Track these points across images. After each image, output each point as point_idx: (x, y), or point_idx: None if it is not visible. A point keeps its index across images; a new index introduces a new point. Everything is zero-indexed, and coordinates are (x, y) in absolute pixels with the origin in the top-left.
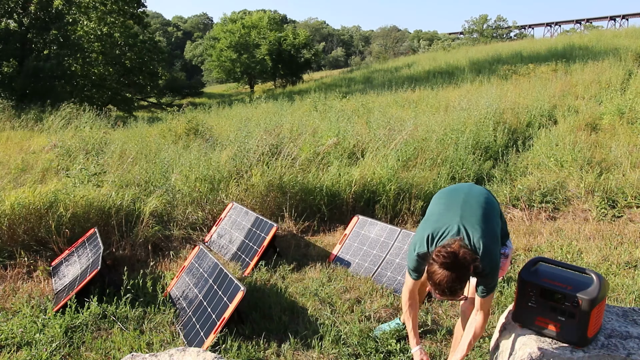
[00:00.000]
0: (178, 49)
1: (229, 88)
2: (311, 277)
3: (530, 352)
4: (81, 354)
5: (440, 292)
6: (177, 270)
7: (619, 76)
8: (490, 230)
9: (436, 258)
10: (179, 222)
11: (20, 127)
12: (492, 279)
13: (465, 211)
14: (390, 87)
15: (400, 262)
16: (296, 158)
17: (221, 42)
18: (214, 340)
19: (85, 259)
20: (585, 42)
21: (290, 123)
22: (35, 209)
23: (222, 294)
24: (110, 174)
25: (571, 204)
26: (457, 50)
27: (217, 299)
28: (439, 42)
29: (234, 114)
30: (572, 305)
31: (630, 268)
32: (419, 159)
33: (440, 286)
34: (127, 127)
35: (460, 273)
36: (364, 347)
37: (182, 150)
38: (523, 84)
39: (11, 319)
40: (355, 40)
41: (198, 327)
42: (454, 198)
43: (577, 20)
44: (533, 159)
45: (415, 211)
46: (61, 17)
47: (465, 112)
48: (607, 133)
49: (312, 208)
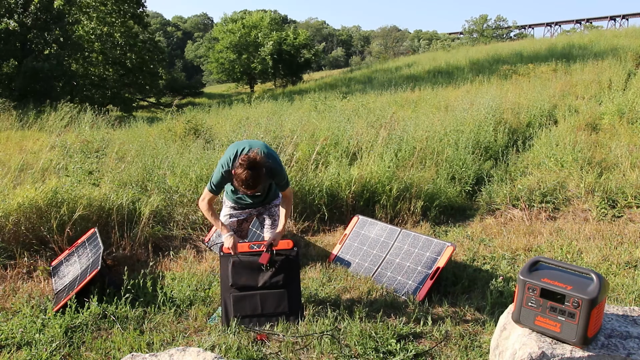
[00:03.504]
0: (178, 49)
1: (229, 88)
2: (311, 277)
3: (530, 352)
4: (81, 354)
5: (245, 187)
6: (177, 270)
7: (619, 76)
8: (271, 149)
9: (242, 162)
10: (179, 222)
11: (20, 127)
12: (282, 177)
13: (253, 144)
14: (390, 87)
15: (400, 262)
16: (296, 157)
17: (221, 42)
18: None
19: (85, 259)
20: (585, 42)
21: (290, 123)
22: (37, 207)
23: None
24: (109, 173)
25: (571, 204)
26: (457, 50)
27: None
28: (438, 42)
29: (234, 114)
30: (572, 305)
31: (630, 268)
32: (417, 158)
33: (245, 181)
34: (127, 127)
35: (257, 172)
36: (364, 347)
37: (182, 150)
38: (523, 84)
39: (11, 319)
40: (355, 40)
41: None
42: (239, 142)
43: (577, 20)
44: (533, 159)
45: (416, 211)
46: (61, 17)
47: (465, 112)
48: (607, 133)
49: (312, 208)
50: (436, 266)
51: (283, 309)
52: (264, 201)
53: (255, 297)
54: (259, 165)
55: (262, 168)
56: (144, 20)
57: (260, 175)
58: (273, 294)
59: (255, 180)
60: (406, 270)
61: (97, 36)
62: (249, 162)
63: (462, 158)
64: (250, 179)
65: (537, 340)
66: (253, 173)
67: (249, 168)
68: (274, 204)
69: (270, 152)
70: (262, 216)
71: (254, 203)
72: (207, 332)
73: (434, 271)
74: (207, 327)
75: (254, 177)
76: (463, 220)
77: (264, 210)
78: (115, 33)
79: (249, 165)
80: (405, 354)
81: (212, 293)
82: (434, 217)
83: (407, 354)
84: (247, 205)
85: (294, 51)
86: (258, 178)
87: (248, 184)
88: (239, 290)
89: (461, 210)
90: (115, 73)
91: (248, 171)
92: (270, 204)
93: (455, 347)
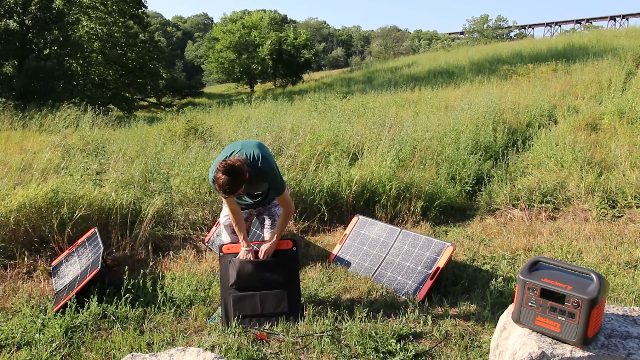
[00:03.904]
0: (178, 49)
1: (229, 88)
2: (311, 277)
3: (530, 352)
4: (81, 354)
5: (222, 192)
6: (177, 270)
7: (619, 76)
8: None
9: (219, 168)
10: (179, 222)
11: (20, 127)
12: (275, 180)
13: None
14: (390, 87)
15: (400, 262)
16: (296, 157)
17: (220, 42)
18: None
19: (85, 259)
20: (585, 42)
21: (290, 123)
22: (38, 207)
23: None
24: (110, 173)
25: (571, 204)
26: (457, 50)
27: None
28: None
29: (234, 114)
30: (572, 305)
31: (630, 268)
32: (417, 158)
33: (222, 186)
34: (127, 127)
35: (235, 177)
36: (364, 347)
37: (181, 150)
38: (523, 84)
39: (11, 319)
40: (355, 40)
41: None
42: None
43: (577, 20)
44: (533, 159)
45: (416, 211)
46: (61, 17)
47: (465, 112)
48: (607, 133)
49: (312, 208)
50: (436, 266)
51: (283, 309)
52: (263, 201)
53: (255, 297)
54: (237, 171)
55: (242, 174)
56: (144, 20)
57: (238, 181)
58: (273, 294)
59: (232, 186)
60: (406, 270)
61: (97, 36)
62: (226, 167)
63: (462, 158)
64: (227, 184)
65: (537, 340)
66: (230, 179)
67: (226, 173)
68: (274, 204)
69: (264, 153)
70: (262, 216)
71: (254, 203)
72: (207, 332)
73: (434, 271)
74: (207, 327)
75: (231, 183)
76: (463, 220)
77: (263, 211)
78: (115, 33)
79: (225, 171)
80: (405, 354)
81: (212, 293)
82: (434, 217)
83: (407, 354)
84: (247, 206)
85: (294, 51)
86: (235, 184)
87: (225, 189)
88: (239, 291)
89: (461, 210)
90: (116, 73)
91: (225, 176)
92: (270, 204)
93: (455, 347)
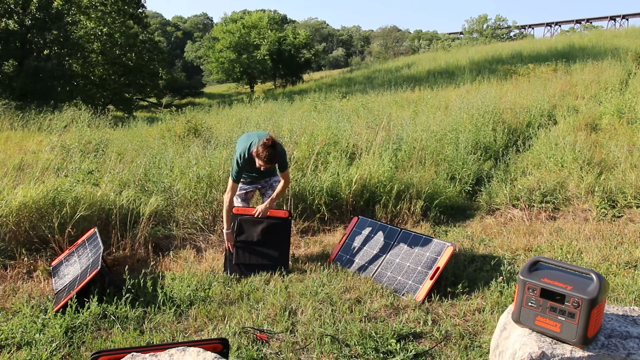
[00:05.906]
0: (178, 49)
1: (229, 88)
2: (311, 277)
3: (530, 352)
4: (81, 354)
5: (265, 161)
6: (177, 270)
7: (619, 76)
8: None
9: (265, 143)
10: (179, 222)
11: (20, 127)
12: (284, 158)
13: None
14: (390, 87)
15: (400, 262)
16: (295, 157)
17: (220, 42)
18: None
19: (85, 259)
20: (585, 42)
21: (290, 123)
22: (38, 207)
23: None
24: (109, 173)
25: (571, 204)
26: (457, 50)
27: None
28: (438, 42)
29: (234, 114)
30: (572, 305)
31: (630, 268)
32: (417, 158)
33: (265, 157)
34: (127, 127)
35: (274, 149)
36: (364, 347)
37: (181, 150)
38: (523, 84)
39: (11, 319)
40: (355, 40)
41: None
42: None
43: (577, 20)
44: (533, 159)
45: (416, 211)
46: (61, 17)
47: (465, 112)
48: (607, 133)
49: (312, 208)
50: (436, 266)
51: (275, 260)
52: (265, 175)
53: (254, 250)
54: (276, 145)
55: (278, 147)
56: (143, 20)
57: (277, 153)
58: (267, 248)
59: (273, 156)
60: (406, 270)
61: (97, 36)
62: (271, 142)
63: (462, 158)
64: (270, 155)
65: (537, 340)
66: (273, 150)
67: (271, 146)
68: (274, 180)
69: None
70: (265, 188)
71: (259, 177)
72: (207, 332)
73: (434, 271)
74: (207, 327)
75: (273, 154)
76: (463, 220)
77: (265, 184)
78: (115, 33)
79: (270, 145)
80: (405, 354)
81: (212, 293)
82: (434, 217)
83: (407, 354)
84: (253, 179)
85: (294, 51)
86: (274, 155)
87: (268, 159)
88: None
89: (461, 210)
90: (115, 73)
91: (270, 149)
92: (271, 179)
93: (455, 347)
